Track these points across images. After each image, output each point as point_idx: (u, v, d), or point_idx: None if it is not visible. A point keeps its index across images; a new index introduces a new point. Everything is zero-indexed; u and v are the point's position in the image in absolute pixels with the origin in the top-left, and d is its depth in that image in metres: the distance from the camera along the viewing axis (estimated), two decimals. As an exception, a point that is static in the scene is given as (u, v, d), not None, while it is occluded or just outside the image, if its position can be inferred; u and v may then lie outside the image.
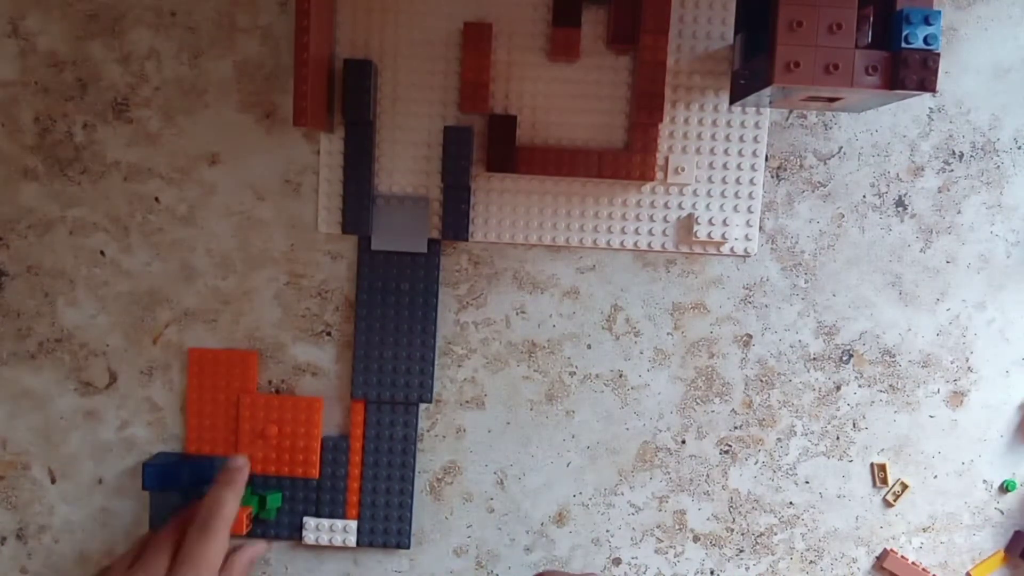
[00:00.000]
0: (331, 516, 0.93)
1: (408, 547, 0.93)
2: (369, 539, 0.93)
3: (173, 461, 0.91)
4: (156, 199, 0.91)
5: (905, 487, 0.93)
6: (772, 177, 0.90)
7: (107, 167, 0.91)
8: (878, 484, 0.93)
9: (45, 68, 0.90)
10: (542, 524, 0.94)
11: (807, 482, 0.93)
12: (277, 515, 0.93)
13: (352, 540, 0.93)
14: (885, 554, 0.93)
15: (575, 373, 0.92)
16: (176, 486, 0.91)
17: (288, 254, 0.91)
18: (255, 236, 0.91)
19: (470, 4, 0.88)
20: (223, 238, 0.91)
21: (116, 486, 0.94)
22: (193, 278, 0.92)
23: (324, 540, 0.93)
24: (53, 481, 0.94)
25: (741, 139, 0.88)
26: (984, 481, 0.93)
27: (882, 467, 0.92)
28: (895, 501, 0.93)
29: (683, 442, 0.93)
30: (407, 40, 0.89)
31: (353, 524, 0.93)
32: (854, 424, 0.92)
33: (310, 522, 0.93)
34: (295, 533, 0.93)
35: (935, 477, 0.93)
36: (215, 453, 0.93)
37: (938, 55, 0.67)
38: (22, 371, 0.93)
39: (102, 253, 0.92)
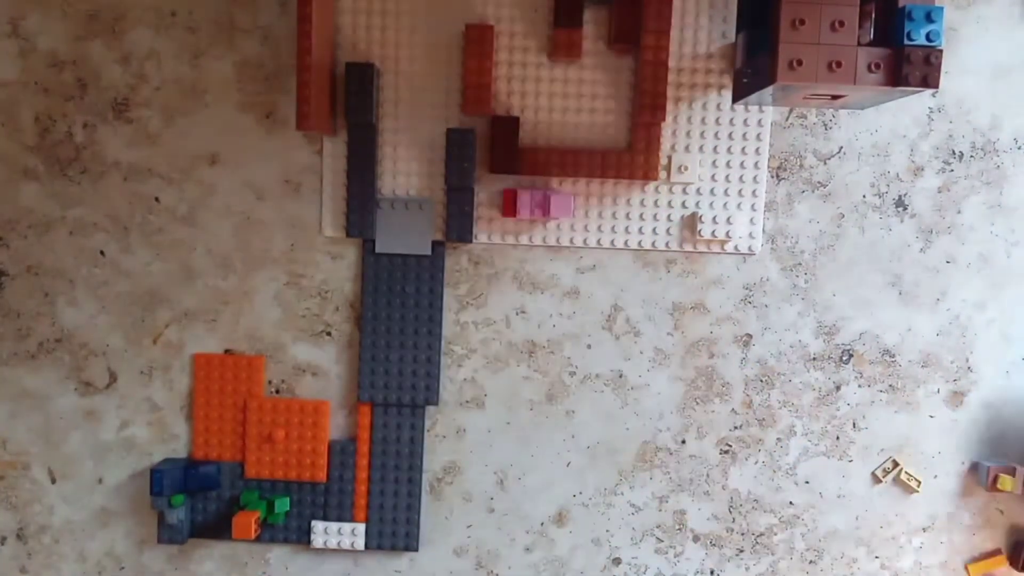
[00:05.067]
0: (339, 520, 0.93)
1: (416, 549, 0.93)
2: (377, 542, 0.93)
3: (180, 467, 0.91)
4: (156, 199, 0.91)
5: (896, 465, 0.93)
6: (772, 177, 0.90)
7: (107, 167, 0.91)
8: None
9: (45, 68, 0.90)
10: (542, 524, 0.94)
11: (807, 482, 0.93)
12: (285, 519, 0.92)
13: (360, 543, 0.93)
14: None
15: (575, 373, 0.92)
16: (183, 491, 0.91)
17: (288, 254, 0.91)
18: (255, 236, 0.91)
19: (471, 6, 0.88)
20: (223, 238, 0.91)
21: (116, 486, 0.94)
22: (193, 278, 0.92)
23: (332, 544, 0.92)
24: (53, 481, 0.94)
25: (744, 137, 0.89)
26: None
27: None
28: (883, 477, 0.93)
29: (683, 442, 0.93)
30: (408, 43, 0.89)
31: (361, 527, 0.93)
32: (854, 424, 0.92)
33: (318, 526, 0.93)
34: (303, 537, 0.93)
35: (935, 477, 0.93)
36: (222, 458, 0.93)
37: (940, 51, 0.67)
38: (22, 371, 0.93)
39: (102, 253, 0.91)
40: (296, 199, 0.91)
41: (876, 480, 0.93)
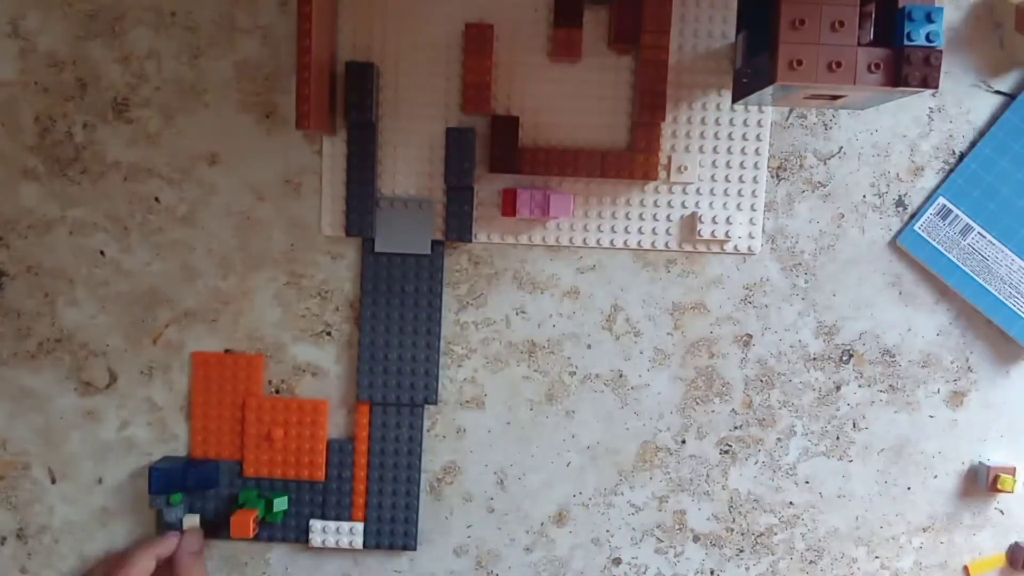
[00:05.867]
0: (337, 518, 0.93)
1: (415, 548, 0.93)
2: (376, 541, 0.93)
3: (179, 465, 0.91)
4: (156, 199, 0.91)
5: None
6: (772, 177, 0.90)
7: (107, 167, 0.91)
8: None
9: (45, 68, 0.90)
10: (542, 524, 0.94)
11: (807, 482, 0.93)
12: (283, 518, 0.92)
13: (359, 542, 0.93)
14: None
15: (575, 373, 0.92)
16: (182, 489, 0.91)
17: (288, 254, 0.91)
18: (255, 236, 0.91)
19: (471, 5, 0.88)
20: (223, 238, 0.91)
21: (116, 486, 0.94)
22: (193, 278, 0.92)
23: (331, 542, 0.92)
24: (53, 481, 0.94)
25: (744, 137, 0.89)
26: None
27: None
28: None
29: (683, 442, 0.93)
30: (409, 42, 0.89)
31: (359, 526, 0.93)
32: (854, 424, 0.92)
33: (316, 524, 0.92)
34: (301, 536, 0.93)
35: (935, 477, 0.93)
36: (220, 457, 0.93)
37: (940, 52, 0.67)
38: (22, 371, 0.93)
39: (102, 253, 0.91)
40: (296, 199, 0.91)
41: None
